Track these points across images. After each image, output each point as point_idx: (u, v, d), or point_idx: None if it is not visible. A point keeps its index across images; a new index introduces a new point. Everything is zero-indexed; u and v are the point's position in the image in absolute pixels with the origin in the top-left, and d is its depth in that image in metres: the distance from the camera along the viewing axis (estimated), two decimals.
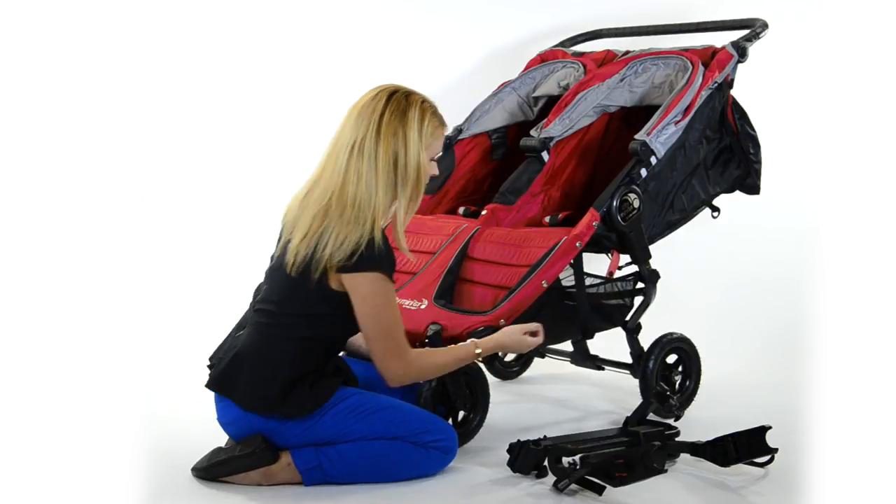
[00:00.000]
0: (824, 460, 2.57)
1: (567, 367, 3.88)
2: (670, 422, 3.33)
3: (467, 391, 3.21)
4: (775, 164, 3.92)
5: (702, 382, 3.66)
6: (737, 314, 4.43)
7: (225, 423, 2.93)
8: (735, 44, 3.64)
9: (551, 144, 3.61)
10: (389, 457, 2.88)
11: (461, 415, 3.23)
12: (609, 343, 3.62)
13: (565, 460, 2.97)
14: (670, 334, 3.56)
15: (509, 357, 4.13)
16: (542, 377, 4.12)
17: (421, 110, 2.88)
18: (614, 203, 3.36)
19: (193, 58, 4.46)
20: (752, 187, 3.79)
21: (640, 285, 3.55)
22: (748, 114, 3.72)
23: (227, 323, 3.08)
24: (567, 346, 3.72)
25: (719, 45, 3.68)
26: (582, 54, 4.00)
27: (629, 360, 3.55)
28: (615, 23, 4.21)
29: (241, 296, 3.17)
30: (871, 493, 2.43)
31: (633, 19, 4.16)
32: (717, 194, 3.72)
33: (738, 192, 3.82)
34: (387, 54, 4.59)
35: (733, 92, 3.69)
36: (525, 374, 4.14)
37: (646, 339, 3.53)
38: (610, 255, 3.44)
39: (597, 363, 3.65)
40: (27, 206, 3.02)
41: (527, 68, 4.07)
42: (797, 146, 4.34)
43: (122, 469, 2.90)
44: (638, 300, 3.57)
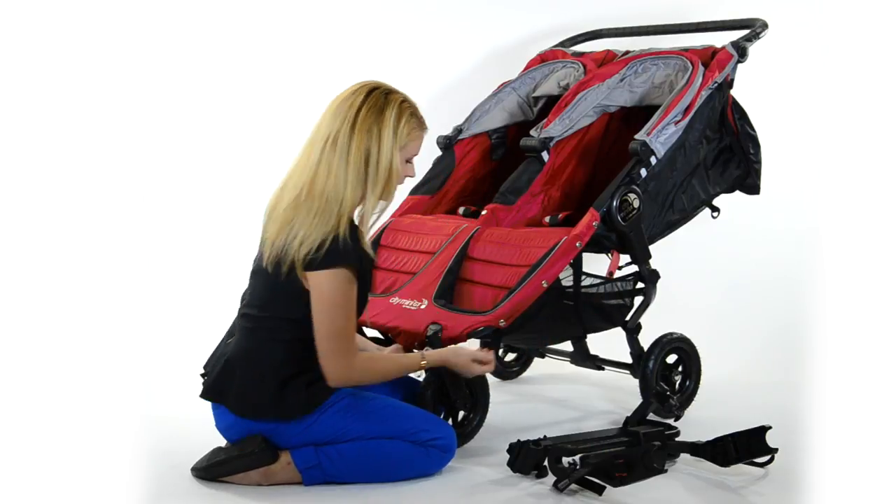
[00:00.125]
0: (824, 460, 2.57)
1: (567, 367, 3.88)
2: (670, 422, 3.33)
3: (467, 391, 3.20)
4: (775, 164, 3.92)
5: (702, 382, 3.66)
6: (737, 314, 4.43)
7: (222, 429, 2.93)
8: (735, 44, 3.64)
9: (551, 144, 3.61)
10: (389, 456, 2.87)
11: (461, 415, 3.23)
12: (609, 343, 3.62)
13: (565, 460, 2.97)
14: (670, 334, 3.56)
15: (509, 357, 4.13)
16: (542, 377, 4.12)
17: (399, 110, 2.86)
18: (614, 203, 3.36)
19: (193, 58, 4.46)
20: (752, 187, 3.79)
21: (640, 285, 3.55)
22: (748, 114, 3.72)
23: (228, 323, 3.08)
24: (567, 346, 3.72)
25: (719, 45, 3.68)
26: (582, 54, 4.00)
27: (629, 360, 3.55)
28: (615, 23, 4.21)
29: (240, 296, 3.17)
30: (871, 493, 2.43)
31: (633, 19, 4.16)
32: (717, 194, 3.72)
33: (738, 192, 3.82)
34: (387, 54, 4.59)
35: (733, 92, 3.69)
36: (525, 374, 4.14)
37: (646, 339, 3.53)
38: (610, 255, 3.44)
39: (597, 363, 3.65)
40: (29, 209, 3.02)
41: (527, 68, 4.07)
42: (797, 146, 4.34)
43: (122, 469, 2.90)
44: (638, 300, 3.57)
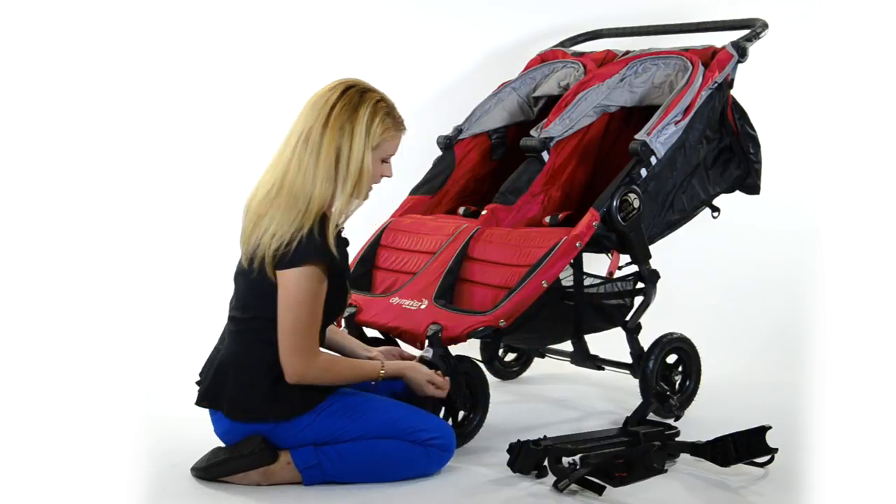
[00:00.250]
0: (824, 460, 2.57)
1: (567, 367, 3.88)
2: (670, 422, 3.33)
3: (467, 391, 3.21)
4: (775, 164, 3.92)
5: (702, 382, 3.66)
6: (737, 314, 4.42)
7: (220, 434, 2.93)
8: (735, 44, 3.64)
9: (551, 144, 3.60)
10: (389, 455, 2.87)
11: (461, 415, 3.23)
12: (609, 343, 3.62)
13: (565, 460, 2.97)
14: (670, 334, 3.56)
15: (509, 357, 4.13)
16: (542, 377, 4.12)
17: (373, 109, 2.84)
18: (614, 203, 3.36)
19: (194, 58, 4.46)
20: (752, 187, 3.79)
21: (640, 285, 3.55)
22: (748, 114, 3.72)
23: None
24: (567, 346, 3.71)
25: (719, 45, 3.68)
26: (582, 54, 4.00)
27: (629, 360, 3.55)
28: (615, 23, 4.20)
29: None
30: (871, 493, 2.43)
31: (633, 19, 4.16)
32: (717, 194, 3.72)
33: (738, 192, 3.82)
34: (387, 54, 4.59)
35: (733, 92, 3.69)
36: (525, 374, 4.14)
37: (646, 339, 3.53)
38: (610, 255, 3.44)
39: (597, 363, 3.65)
40: (29, 210, 3.02)
41: (527, 68, 4.07)
42: (797, 146, 4.34)
43: (122, 469, 2.90)
44: (638, 300, 3.57)
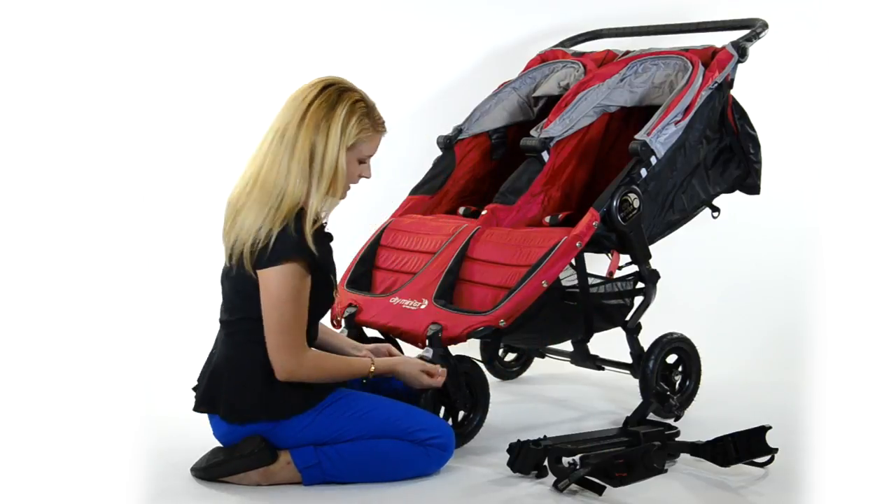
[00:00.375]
0: (824, 460, 2.57)
1: (567, 367, 3.88)
2: (670, 422, 3.33)
3: (467, 391, 3.21)
4: (775, 164, 3.92)
5: (702, 382, 3.66)
6: (737, 314, 4.42)
7: (219, 437, 2.93)
8: (735, 44, 3.64)
9: (551, 144, 3.60)
10: (388, 455, 2.87)
11: (461, 415, 3.23)
12: (609, 343, 3.62)
13: (565, 460, 2.97)
14: (670, 334, 3.56)
15: (509, 357, 4.13)
16: (542, 377, 4.12)
17: (350, 108, 2.82)
18: (614, 203, 3.36)
19: (194, 58, 4.46)
20: (752, 187, 3.79)
21: (640, 285, 3.55)
22: (748, 114, 3.72)
23: None
24: (567, 346, 3.72)
25: (719, 45, 3.68)
26: (582, 54, 4.00)
27: (629, 360, 3.55)
28: (615, 23, 4.20)
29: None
30: (870, 493, 2.42)
31: (633, 19, 4.16)
32: (717, 194, 3.72)
33: (738, 192, 3.82)
34: (388, 54, 4.59)
35: (733, 92, 3.69)
36: (525, 374, 4.14)
37: (646, 339, 3.53)
38: (610, 255, 3.44)
39: (597, 363, 3.65)
40: (29, 211, 3.02)
41: (527, 68, 4.06)
42: (797, 146, 4.34)
43: (122, 469, 2.90)
44: (638, 300, 3.57)
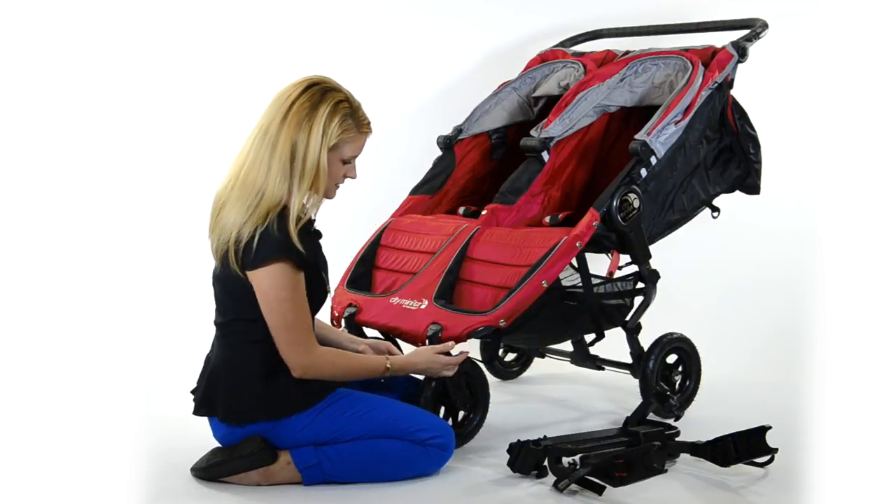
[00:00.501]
0: (824, 460, 2.56)
1: (567, 367, 3.89)
2: (670, 422, 3.33)
3: (467, 391, 3.21)
4: (775, 164, 3.92)
5: (702, 382, 3.66)
6: (737, 314, 4.42)
7: (219, 439, 2.93)
8: (735, 44, 3.64)
9: (551, 144, 3.60)
10: (388, 455, 2.87)
11: (461, 415, 3.23)
12: (609, 343, 3.62)
13: (565, 460, 2.97)
14: (670, 334, 3.56)
15: (509, 357, 4.13)
16: (542, 377, 4.12)
17: (333, 108, 2.80)
18: (614, 203, 3.36)
19: (194, 58, 4.46)
20: (752, 187, 3.79)
21: (640, 285, 3.55)
22: (748, 114, 3.72)
23: None
24: (567, 346, 3.72)
25: (719, 45, 3.68)
26: (582, 54, 4.00)
27: (629, 360, 3.55)
28: (615, 23, 4.20)
29: None
30: (870, 493, 2.42)
31: (633, 19, 4.16)
32: (717, 194, 3.72)
33: (738, 192, 3.82)
34: (388, 54, 4.59)
35: (733, 92, 3.69)
36: (525, 374, 4.14)
37: (646, 339, 3.53)
38: (610, 255, 3.44)
39: (597, 363, 3.65)
40: (29, 211, 3.02)
41: (527, 68, 4.07)
42: (797, 146, 4.33)
43: (122, 469, 2.89)
44: (638, 300, 3.57)
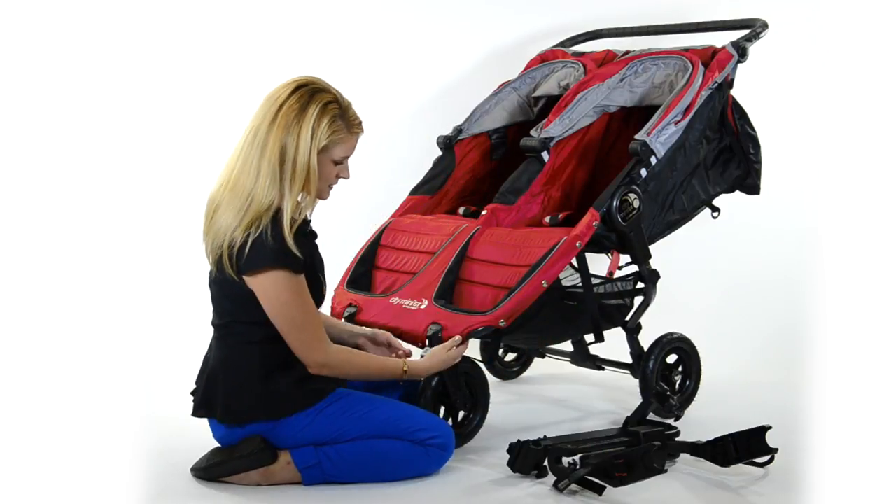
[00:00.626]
0: (824, 460, 2.56)
1: (567, 367, 3.89)
2: (670, 422, 3.33)
3: (467, 391, 3.21)
4: (775, 164, 3.92)
5: (702, 382, 3.66)
6: (737, 314, 4.42)
7: (219, 439, 2.93)
8: (735, 44, 3.64)
9: (551, 144, 3.60)
10: (388, 455, 2.87)
11: (461, 415, 3.23)
12: (609, 343, 3.61)
13: (565, 460, 2.97)
14: (670, 334, 3.56)
15: (509, 357, 4.13)
16: (542, 377, 4.12)
17: (321, 109, 2.78)
18: (614, 203, 3.36)
19: (193, 58, 4.46)
20: (752, 187, 3.79)
21: (640, 285, 3.55)
22: (748, 114, 3.72)
23: None
24: (567, 346, 3.72)
25: (719, 45, 3.68)
26: (582, 54, 4.00)
27: (629, 360, 3.55)
28: (615, 23, 4.20)
29: None
30: (870, 493, 2.42)
31: (633, 19, 4.16)
32: (717, 194, 3.72)
33: (738, 192, 3.82)
34: (388, 54, 4.59)
35: (733, 92, 3.69)
36: (525, 374, 4.14)
37: (646, 339, 3.53)
38: (610, 255, 3.44)
39: (597, 363, 3.65)
40: (29, 211, 3.02)
41: (527, 68, 4.06)
42: (797, 146, 4.34)
43: (122, 469, 2.90)
44: (638, 300, 3.57)
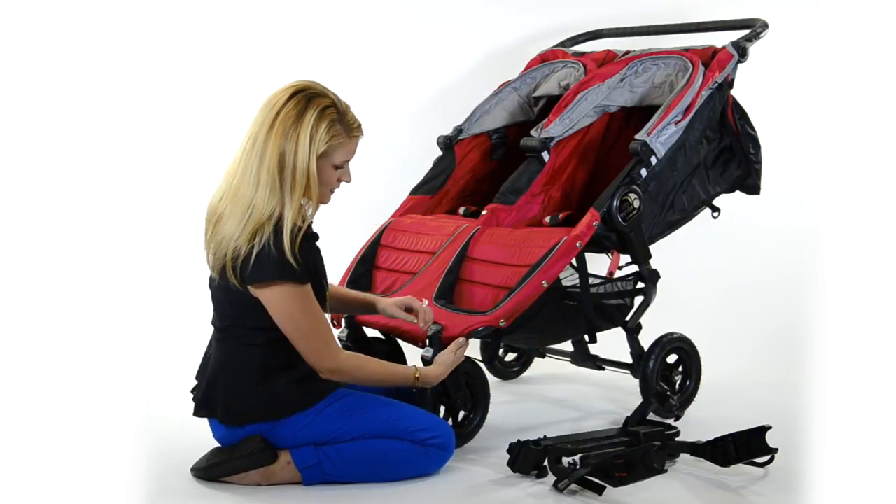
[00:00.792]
0: (824, 460, 2.56)
1: (567, 367, 3.89)
2: (670, 422, 3.33)
3: (467, 391, 3.21)
4: (775, 164, 3.92)
5: (702, 382, 3.66)
6: (737, 314, 4.43)
7: (219, 439, 2.93)
8: (735, 44, 3.64)
9: (552, 144, 3.60)
10: (388, 455, 2.87)
11: (461, 415, 3.23)
12: (609, 343, 3.62)
13: (565, 460, 2.97)
14: (670, 334, 3.56)
15: (509, 357, 4.13)
16: (542, 377, 4.12)
17: (319, 115, 2.74)
18: (614, 203, 3.36)
19: (193, 58, 4.46)
20: (753, 187, 3.79)
21: (640, 285, 3.55)
22: (748, 114, 3.72)
23: None
24: (567, 346, 3.72)
25: (719, 45, 3.68)
26: (582, 54, 4.00)
27: (629, 360, 3.55)
28: (615, 23, 4.21)
29: None
30: (870, 493, 2.42)
31: (633, 19, 4.16)
32: (717, 194, 3.72)
33: (738, 192, 3.82)
34: (388, 54, 4.59)
35: (733, 92, 3.69)
36: (525, 374, 4.14)
37: (646, 339, 3.53)
38: (610, 255, 3.44)
39: (597, 363, 3.65)
40: (29, 211, 3.02)
41: (527, 68, 4.07)
42: (797, 146, 4.34)
43: (122, 469, 2.90)
44: (638, 300, 3.57)
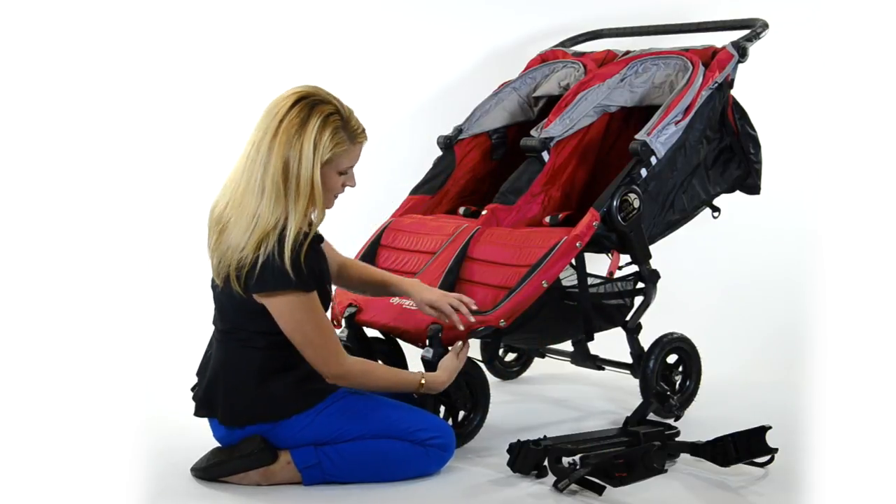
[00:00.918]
0: (824, 460, 2.57)
1: (567, 367, 3.88)
2: (670, 422, 3.33)
3: (467, 391, 3.21)
4: (775, 164, 3.92)
5: (702, 382, 3.66)
6: (737, 314, 4.42)
7: (219, 439, 2.93)
8: (735, 44, 3.64)
9: (551, 144, 3.60)
10: (388, 455, 2.87)
11: (461, 415, 3.23)
12: (609, 343, 3.62)
13: (565, 460, 2.97)
14: (670, 334, 3.56)
15: (509, 357, 4.13)
16: (542, 377, 4.12)
17: (322, 122, 2.72)
18: (614, 203, 3.36)
19: (192, 58, 4.46)
20: (753, 187, 3.79)
21: (640, 285, 3.55)
22: (748, 114, 3.72)
23: None
24: (567, 346, 3.72)
25: (719, 45, 3.68)
26: (582, 54, 4.00)
27: (629, 360, 3.55)
28: (615, 23, 4.20)
29: None
30: (870, 493, 2.42)
31: (633, 19, 4.16)
32: (717, 194, 3.72)
33: (738, 192, 3.82)
34: (388, 54, 4.59)
35: (733, 92, 3.69)
36: (525, 374, 4.14)
37: (646, 339, 3.53)
38: (610, 255, 3.44)
39: (597, 363, 3.65)
40: (30, 212, 3.02)
41: (527, 68, 4.06)
42: (797, 146, 4.34)
43: (122, 469, 2.90)
44: (638, 300, 3.57)
